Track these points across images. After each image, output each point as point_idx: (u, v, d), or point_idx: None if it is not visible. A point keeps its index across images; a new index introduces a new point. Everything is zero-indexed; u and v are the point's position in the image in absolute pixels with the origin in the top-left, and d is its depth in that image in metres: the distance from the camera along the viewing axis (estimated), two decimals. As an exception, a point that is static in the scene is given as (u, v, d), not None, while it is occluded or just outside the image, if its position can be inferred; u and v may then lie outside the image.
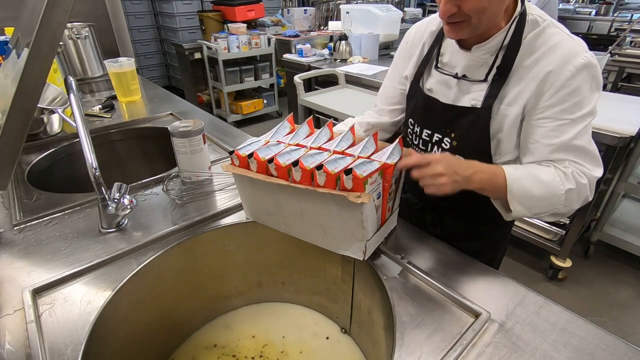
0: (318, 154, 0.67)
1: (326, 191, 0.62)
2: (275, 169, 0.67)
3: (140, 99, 1.68)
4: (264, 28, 4.08)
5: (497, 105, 0.77)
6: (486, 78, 0.78)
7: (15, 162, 0.71)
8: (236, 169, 0.72)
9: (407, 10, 4.34)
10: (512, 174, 0.72)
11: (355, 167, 0.61)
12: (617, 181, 1.93)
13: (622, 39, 2.66)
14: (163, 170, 1.02)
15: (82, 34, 1.88)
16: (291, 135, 0.76)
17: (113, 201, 0.77)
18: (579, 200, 0.74)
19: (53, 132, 1.29)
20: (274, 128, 0.77)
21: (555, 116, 0.72)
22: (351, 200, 0.60)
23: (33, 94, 0.65)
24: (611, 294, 1.93)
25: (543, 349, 0.56)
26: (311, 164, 0.64)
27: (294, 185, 0.65)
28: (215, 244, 0.84)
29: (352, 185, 0.61)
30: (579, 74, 0.69)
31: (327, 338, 0.89)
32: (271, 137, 0.76)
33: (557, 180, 0.71)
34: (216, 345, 0.87)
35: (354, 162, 0.64)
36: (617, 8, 5.17)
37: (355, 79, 2.56)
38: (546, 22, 0.74)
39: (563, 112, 0.71)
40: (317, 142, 0.73)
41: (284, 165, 0.65)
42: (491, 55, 0.77)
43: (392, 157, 0.67)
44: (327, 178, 0.62)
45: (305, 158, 0.65)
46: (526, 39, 0.74)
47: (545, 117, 0.73)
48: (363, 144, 0.69)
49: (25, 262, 0.72)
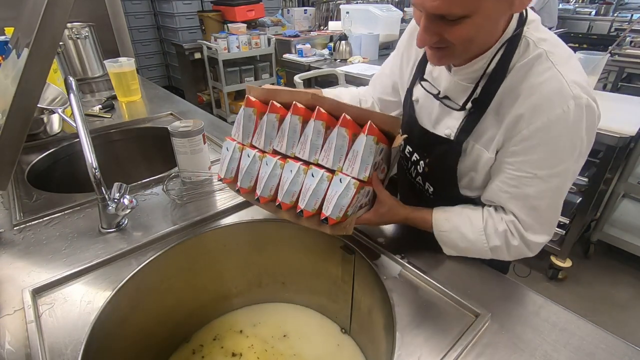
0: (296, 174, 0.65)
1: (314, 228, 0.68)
2: (260, 201, 0.71)
3: (140, 99, 1.68)
4: (264, 28, 4.07)
5: (471, 142, 0.68)
6: (463, 107, 0.67)
7: (15, 162, 0.71)
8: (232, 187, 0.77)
9: (407, 10, 4.34)
10: (439, 225, 0.72)
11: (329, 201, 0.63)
12: (617, 181, 1.93)
13: (622, 39, 2.66)
14: (163, 170, 1.02)
15: (82, 34, 1.88)
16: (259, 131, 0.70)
17: (113, 201, 0.77)
18: (510, 256, 0.70)
19: (53, 132, 1.29)
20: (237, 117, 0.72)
21: (519, 166, 0.63)
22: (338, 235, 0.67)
23: (33, 94, 0.65)
24: (611, 294, 1.93)
25: (543, 349, 0.56)
26: (293, 197, 0.67)
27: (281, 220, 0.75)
28: (215, 244, 0.84)
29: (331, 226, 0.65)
30: (554, 127, 0.58)
31: (327, 338, 0.89)
32: (243, 138, 0.72)
33: (482, 239, 0.69)
34: (216, 346, 0.87)
35: (330, 185, 0.63)
36: (617, 8, 5.17)
37: (355, 79, 2.56)
38: (540, 50, 0.60)
39: (527, 165, 0.62)
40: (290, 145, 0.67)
41: (270, 198, 0.71)
42: (470, 82, 0.66)
43: (365, 164, 0.61)
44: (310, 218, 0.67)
45: (285, 190, 0.67)
46: (514, 68, 0.62)
47: (509, 162, 0.64)
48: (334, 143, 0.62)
49: (25, 262, 0.72)
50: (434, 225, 0.73)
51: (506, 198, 0.67)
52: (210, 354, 0.85)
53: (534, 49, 0.61)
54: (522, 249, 0.69)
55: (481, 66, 0.64)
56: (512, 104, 0.61)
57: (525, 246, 0.69)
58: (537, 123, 0.59)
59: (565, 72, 0.58)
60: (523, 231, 0.67)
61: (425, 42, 0.59)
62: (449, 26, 0.55)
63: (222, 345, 0.87)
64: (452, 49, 0.59)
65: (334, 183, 0.63)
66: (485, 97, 0.64)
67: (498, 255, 0.71)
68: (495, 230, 0.69)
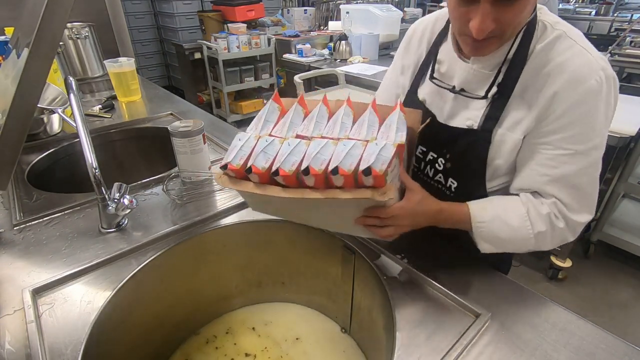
0: (324, 146, 0.56)
1: (349, 196, 0.55)
2: (282, 179, 0.56)
3: (140, 99, 1.68)
4: (264, 28, 4.07)
5: (496, 129, 0.68)
6: (486, 95, 0.67)
7: (15, 162, 0.71)
8: (234, 183, 0.59)
9: (407, 10, 4.34)
10: (478, 216, 0.67)
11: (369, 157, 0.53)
12: (617, 181, 1.93)
13: (622, 39, 2.66)
14: (163, 170, 1.02)
15: (82, 34, 1.88)
16: (284, 121, 0.63)
17: (113, 201, 0.77)
18: (553, 242, 0.68)
19: (53, 132, 1.29)
20: (260, 113, 0.64)
21: (557, 144, 0.63)
22: (378, 200, 0.54)
23: (33, 94, 0.65)
24: (611, 294, 1.93)
25: (543, 348, 0.56)
26: (322, 164, 0.54)
27: (311, 198, 0.57)
28: (215, 244, 0.84)
29: (373, 182, 0.54)
30: (590, 99, 0.60)
31: (327, 338, 0.89)
32: (261, 130, 0.62)
33: (527, 225, 0.66)
34: (216, 346, 0.87)
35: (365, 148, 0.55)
36: (617, 8, 5.16)
37: (355, 79, 2.56)
38: (558, 31, 0.63)
39: (565, 141, 0.62)
40: (317, 128, 0.60)
41: (291, 173, 0.55)
42: (492, 69, 0.67)
43: (399, 132, 0.58)
44: (344, 180, 0.54)
45: (312, 157, 0.55)
46: (533, 52, 0.64)
47: (545, 142, 0.64)
48: (366, 120, 0.60)
49: (25, 262, 0.72)
50: (472, 216, 0.67)
51: (545, 181, 0.65)
52: (210, 354, 0.85)
53: (551, 31, 0.63)
54: (565, 233, 0.67)
55: (504, 51, 0.65)
56: (542, 85, 0.62)
57: (569, 229, 0.67)
58: (573, 97, 0.60)
59: (587, 47, 0.61)
60: (566, 212, 0.65)
61: (487, 30, 0.57)
62: (505, 9, 0.55)
63: (222, 346, 0.87)
64: (500, 37, 0.59)
65: (370, 147, 0.55)
66: (508, 82, 0.65)
67: (540, 244, 0.67)
68: (539, 214, 0.66)
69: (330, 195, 0.55)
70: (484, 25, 0.56)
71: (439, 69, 0.76)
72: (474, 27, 0.57)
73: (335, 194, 0.55)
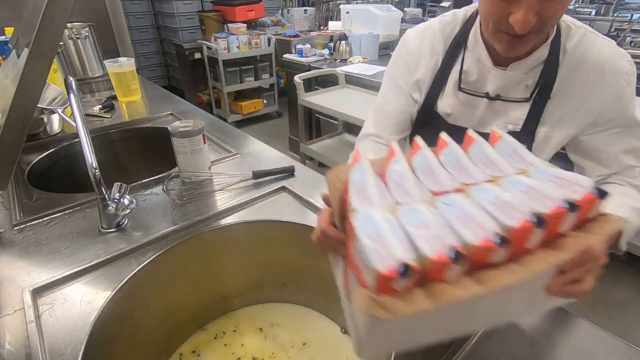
0: (487, 192, 0.37)
1: (582, 247, 0.36)
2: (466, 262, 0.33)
3: (140, 99, 1.68)
4: (264, 28, 4.07)
5: (538, 128, 0.71)
6: (531, 97, 0.69)
7: (15, 162, 0.71)
8: (391, 305, 0.31)
9: (407, 10, 4.33)
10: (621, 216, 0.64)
11: (550, 189, 0.36)
12: (617, 181, 1.93)
13: (622, 39, 2.66)
14: (163, 170, 1.02)
15: (82, 34, 1.88)
16: (409, 172, 0.41)
17: (113, 201, 0.77)
18: None
19: (53, 132, 1.29)
20: (355, 179, 0.40)
21: (621, 125, 0.69)
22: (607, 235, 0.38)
23: (33, 94, 0.65)
24: (611, 294, 1.93)
25: (542, 348, 0.56)
26: (512, 218, 0.34)
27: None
28: (215, 244, 0.84)
29: (583, 215, 0.37)
30: (631, 79, 0.67)
31: (327, 338, 0.89)
32: (399, 195, 0.39)
33: None
34: (225, 343, 0.87)
35: (531, 182, 0.37)
36: (617, 8, 5.16)
37: (355, 79, 2.56)
38: (581, 29, 0.68)
39: (626, 120, 0.69)
40: (463, 174, 0.41)
41: (483, 244, 0.32)
42: (527, 72, 0.69)
43: (527, 154, 0.44)
44: (551, 226, 0.35)
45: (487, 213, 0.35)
46: (566, 51, 0.67)
47: (608, 127, 0.70)
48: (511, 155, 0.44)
49: (25, 262, 0.72)
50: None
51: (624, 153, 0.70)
52: (210, 354, 0.85)
53: (576, 30, 0.68)
54: None
55: (541, 55, 0.67)
56: (586, 80, 0.67)
57: None
58: (620, 83, 0.66)
59: (603, 36, 0.68)
60: None
61: (530, 24, 0.56)
62: (548, 3, 0.55)
63: (222, 346, 0.87)
64: (538, 32, 0.59)
65: (531, 179, 0.38)
66: (547, 82, 0.68)
67: None
68: (636, 185, 0.69)
69: (554, 260, 0.35)
70: (525, 19, 0.55)
71: (466, 78, 0.75)
72: (518, 20, 0.55)
73: (558, 256, 0.35)
